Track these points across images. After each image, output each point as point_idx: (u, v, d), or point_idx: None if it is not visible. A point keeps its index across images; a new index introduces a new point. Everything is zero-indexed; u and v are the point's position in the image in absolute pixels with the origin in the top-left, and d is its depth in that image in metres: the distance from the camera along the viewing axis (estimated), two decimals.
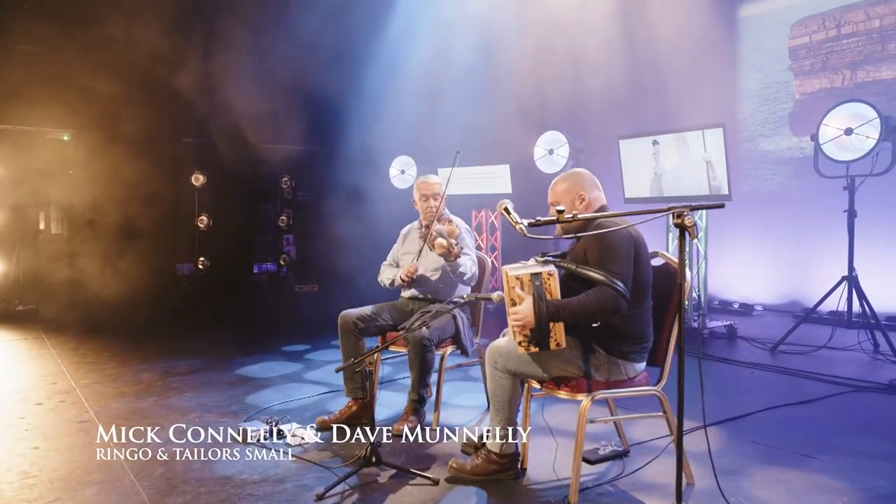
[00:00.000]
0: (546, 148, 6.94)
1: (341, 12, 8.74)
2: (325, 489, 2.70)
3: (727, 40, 8.05)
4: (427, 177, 3.80)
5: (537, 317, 2.48)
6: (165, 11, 8.27)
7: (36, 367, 5.03)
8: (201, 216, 9.55)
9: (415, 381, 3.49)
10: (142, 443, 3.25)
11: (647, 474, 2.89)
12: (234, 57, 8.64)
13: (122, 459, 3.06)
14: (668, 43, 7.63)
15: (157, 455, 3.12)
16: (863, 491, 2.73)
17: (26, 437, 3.42)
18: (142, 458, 3.07)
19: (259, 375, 4.79)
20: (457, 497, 2.70)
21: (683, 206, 2.17)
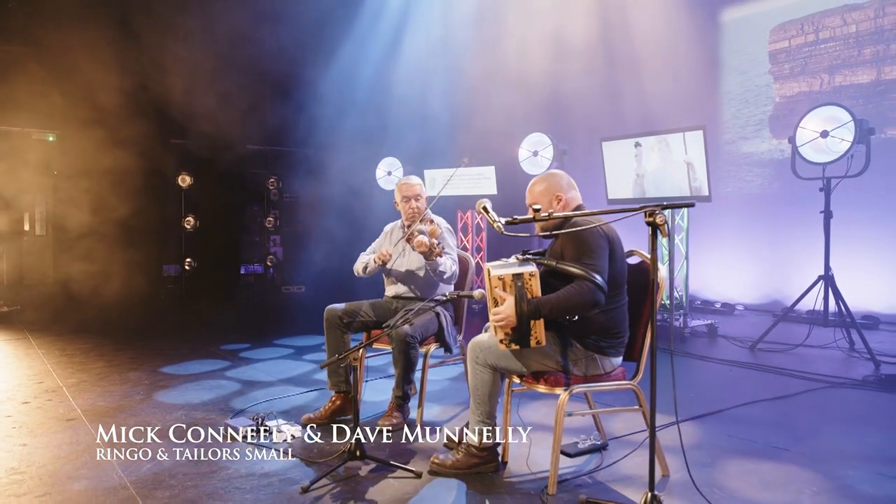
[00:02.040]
0: (531, 149, 7.03)
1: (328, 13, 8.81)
2: (309, 482, 2.77)
3: (709, 44, 8.19)
4: (408, 178, 3.86)
5: (518, 316, 2.56)
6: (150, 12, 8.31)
7: (22, 367, 5.05)
8: (188, 217, 9.57)
9: (399, 378, 3.56)
10: (129, 440, 3.31)
11: (624, 466, 2.98)
12: (220, 58, 8.67)
13: (110, 456, 3.11)
14: (651, 46, 7.77)
15: (143, 451, 3.16)
16: (832, 480, 2.83)
17: (14, 435, 3.46)
18: (129, 455, 3.12)
19: (245, 374, 4.84)
20: (438, 489, 2.78)
21: (655, 206, 2.26)
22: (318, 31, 8.81)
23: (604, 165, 6.54)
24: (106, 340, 6.08)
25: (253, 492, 2.73)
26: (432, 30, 8.19)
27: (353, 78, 9.08)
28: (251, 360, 5.29)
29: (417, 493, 2.75)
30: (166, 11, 8.30)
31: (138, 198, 8.80)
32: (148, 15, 8.25)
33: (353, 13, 8.94)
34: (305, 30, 8.67)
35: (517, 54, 7.59)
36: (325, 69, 9.16)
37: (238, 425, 3.44)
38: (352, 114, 9.10)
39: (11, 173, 8.43)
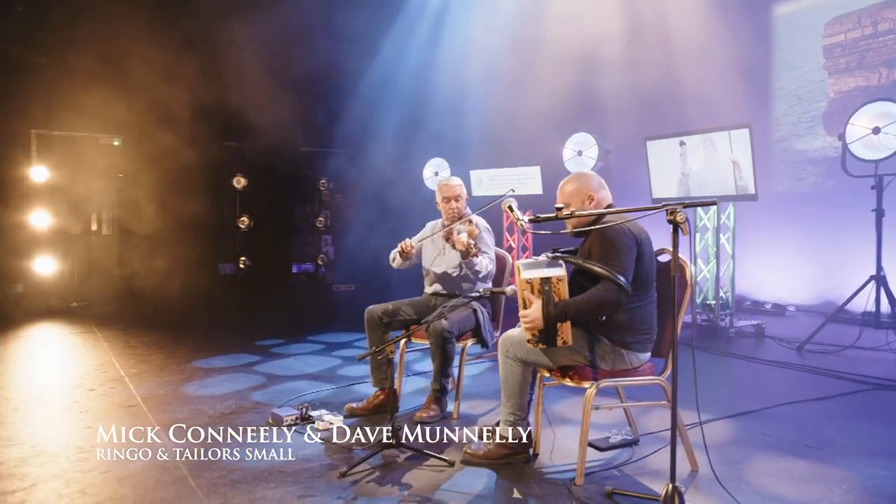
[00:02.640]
0: (575, 149, 7.08)
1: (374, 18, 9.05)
2: (347, 468, 2.93)
3: (760, 39, 8.06)
4: (449, 179, 4.00)
5: (545, 319, 2.66)
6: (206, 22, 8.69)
7: (89, 358, 5.42)
8: (242, 217, 9.95)
9: (436, 372, 3.70)
10: (181, 425, 3.55)
11: (654, 461, 3.04)
12: (273, 63, 9.00)
13: (166, 439, 3.35)
14: (700, 43, 7.69)
15: (196, 436, 3.40)
16: (864, 480, 2.83)
17: (80, 419, 3.75)
18: (182, 439, 3.36)
19: (294, 367, 5.07)
20: (469, 477, 2.90)
21: (676, 204, 2.33)
22: (366, 36, 9.06)
23: (648, 164, 6.53)
24: (165, 334, 6.43)
25: (294, 475, 2.91)
26: (475, 30, 8.30)
27: (400, 80, 9.29)
28: (281, 356, 5.50)
29: (449, 480, 2.88)
30: (221, 20, 8.65)
31: (196, 199, 9.21)
32: (204, 25, 8.63)
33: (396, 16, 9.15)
34: (355, 35, 8.94)
35: (561, 53, 7.64)
36: (373, 73, 9.40)
37: (285, 414, 3.64)
38: (400, 115, 9.30)
39: (80, 176, 8.95)
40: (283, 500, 2.65)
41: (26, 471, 2.96)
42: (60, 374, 4.93)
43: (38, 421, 3.75)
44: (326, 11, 8.99)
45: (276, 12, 8.83)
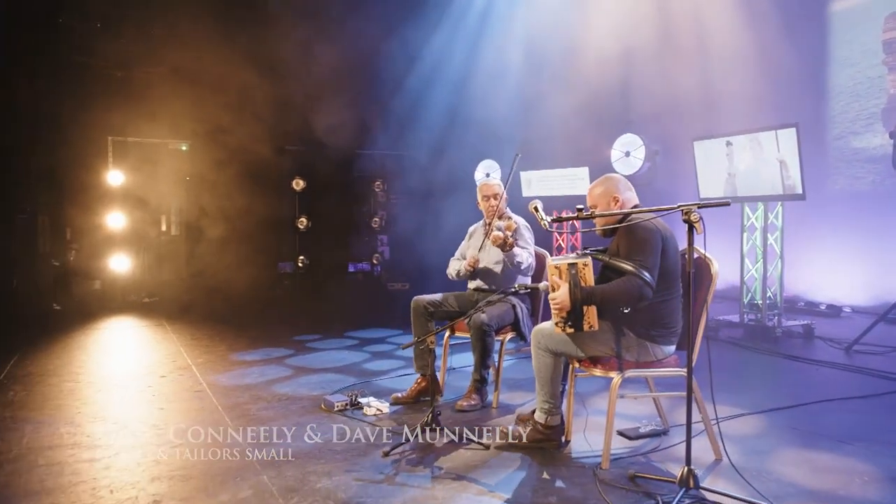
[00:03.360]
0: (622, 150, 7.20)
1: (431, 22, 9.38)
2: (390, 448, 3.21)
3: (817, 36, 7.97)
4: (487, 179, 4.26)
5: (572, 301, 2.88)
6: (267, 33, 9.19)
7: (160, 348, 5.90)
8: (301, 218, 10.43)
9: (477, 363, 3.95)
10: (241, 408, 3.91)
11: (679, 450, 3.19)
12: (331, 69, 9.43)
13: (228, 420, 3.72)
14: (755, 41, 7.68)
15: (256, 417, 3.75)
16: (886, 472, 2.93)
17: (153, 401, 4.17)
18: (243, 419, 3.71)
19: (347, 359, 5.42)
20: (503, 460, 3.13)
21: (692, 204, 2.51)
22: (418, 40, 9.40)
23: (695, 165, 6.60)
24: (228, 328, 6.90)
25: (342, 453, 3.21)
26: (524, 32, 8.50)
27: (453, 84, 9.56)
28: (315, 350, 5.84)
29: (485, 463, 3.12)
30: (282, 33, 9.12)
31: (258, 200, 9.72)
32: (265, 37, 9.13)
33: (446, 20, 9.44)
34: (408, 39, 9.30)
35: (610, 54, 7.75)
36: (427, 76, 9.71)
37: (337, 400, 3.96)
38: (452, 118, 9.58)
39: (151, 180, 9.58)
40: (332, 473, 2.95)
41: (110, 442, 3.37)
42: (135, 362, 5.42)
43: (119, 402, 4.18)
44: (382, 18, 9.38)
45: (333, 23, 9.27)
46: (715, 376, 4.67)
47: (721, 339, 6.15)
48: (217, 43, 8.82)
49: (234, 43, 9.00)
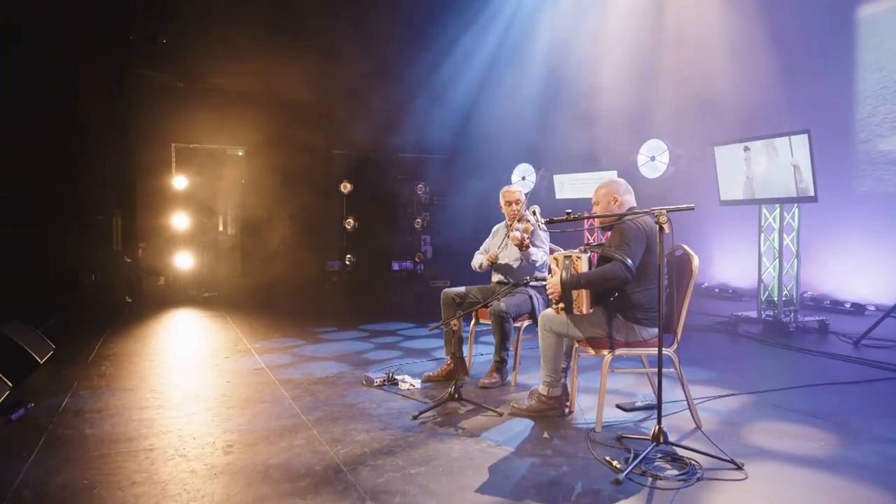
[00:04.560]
0: (648, 155, 7.70)
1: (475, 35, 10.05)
2: (419, 412, 3.87)
3: (844, 41, 8.29)
4: (509, 186, 4.87)
5: (562, 286, 3.49)
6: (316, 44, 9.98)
7: (222, 335, 6.71)
8: (348, 219, 11.21)
9: (497, 346, 4.57)
10: (294, 382, 4.63)
11: (667, 420, 3.75)
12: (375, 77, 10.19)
13: (284, 391, 4.44)
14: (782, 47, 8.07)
15: (307, 389, 4.46)
16: (843, 439, 3.43)
17: (220, 376, 4.93)
18: (296, 391, 4.43)
19: (387, 345, 6.11)
20: (512, 424, 3.75)
21: (661, 208, 3.09)
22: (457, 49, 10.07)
23: (716, 169, 7.07)
24: (282, 318, 7.71)
25: (379, 417, 3.89)
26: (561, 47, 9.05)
27: (490, 89, 10.19)
28: (327, 341, 6.45)
29: (497, 426, 3.74)
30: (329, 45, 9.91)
31: (308, 202, 10.55)
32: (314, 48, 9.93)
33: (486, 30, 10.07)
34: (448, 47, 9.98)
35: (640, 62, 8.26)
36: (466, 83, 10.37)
37: (376, 376, 4.64)
38: (490, 123, 10.20)
39: (211, 183, 10.49)
40: (369, 430, 3.62)
41: (187, 406, 4.13)
42: (202, 346, 6.24)
43: (192, 376, 4.96)
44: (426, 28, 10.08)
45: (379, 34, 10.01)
46: (720, 363, 5.25)
47: (739, 333, 6.61)
48: (270, 54, 9.65)
49: (285, 56, 9.83)
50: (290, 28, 10.45)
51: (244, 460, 3.17)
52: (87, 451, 3.32)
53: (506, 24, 10.09)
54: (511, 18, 10.05)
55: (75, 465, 3.11)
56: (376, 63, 10.25)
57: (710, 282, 9.80)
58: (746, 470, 2.98)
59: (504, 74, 10.04)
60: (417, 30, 10.15)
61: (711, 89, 7.92)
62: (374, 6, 10.13)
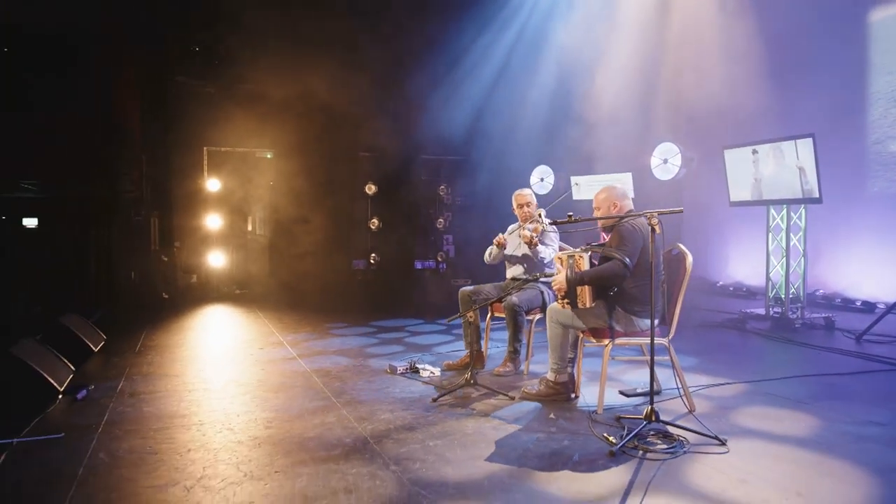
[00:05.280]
0: (661, 157, 8.05)
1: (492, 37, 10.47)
2: (437, 396, 4.32)
3: (857, 44, 8.56)
4: (521, 190, 5.29)
5: (568, 282, 3.91)
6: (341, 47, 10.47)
7: (255, 328, 7.23)
8: (373, 219, 11.70)
9: (510, 337, 5.00)
10: (324, 370, 5.10)
11: (665, 405, 4.15)
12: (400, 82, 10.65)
13: (315, 378, 4.91)
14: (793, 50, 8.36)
15: (336, 376, 4.93)
16: (824, 420, 3.79)
17: (256, 364, 5.42)
18: (326, 378, 4.90)
19: (409, 338, 6.56)
20: (523, 407, 4.17)
21: (653, 211, 3.49)
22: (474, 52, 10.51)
23: (726, 171, 7.41)
24: (310, 314, 8.21)
25: (401, 401, 4.33)
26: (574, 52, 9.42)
27: (509, 93, 10.60)
28: (339, 335, 6.85)
29: (508, 408, 4.16)
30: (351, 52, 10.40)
31: (334, 203, 11.05)
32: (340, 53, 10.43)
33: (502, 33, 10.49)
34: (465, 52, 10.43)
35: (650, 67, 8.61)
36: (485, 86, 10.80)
37: (399, 365, 5.10)
38: (509, 126, 10.61)
39: (241, 185, 11.06)
40: (393, 410, 4.08)
41: (229, 390, 4.62)
42: (236, 338, 6.75)
43: (229, 365, 5.46)
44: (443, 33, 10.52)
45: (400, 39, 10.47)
46: (722, 356, 5.63)
47: (747, 329, 6.95)
48: (297, 62, 10.16)
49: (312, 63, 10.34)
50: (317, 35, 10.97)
51: (282, 434, 3.64)
52: (147, 424, 3.81)
53: (520, 27, 10.50)
54: (525, 22, 10.45)
55: (138, 436, 3.61)
56: (400, 68, 10.72)
57: (725, 280, 10.12)
58: (729, 445, 3.37)
59: (521, 78, 10.43)
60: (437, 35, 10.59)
61: (723, 93, 8.23)
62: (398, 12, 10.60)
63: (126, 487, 2.94)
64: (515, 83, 10.50)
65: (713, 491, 2.86)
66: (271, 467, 3.14)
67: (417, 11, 10.72)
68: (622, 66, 8.84)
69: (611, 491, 2.87)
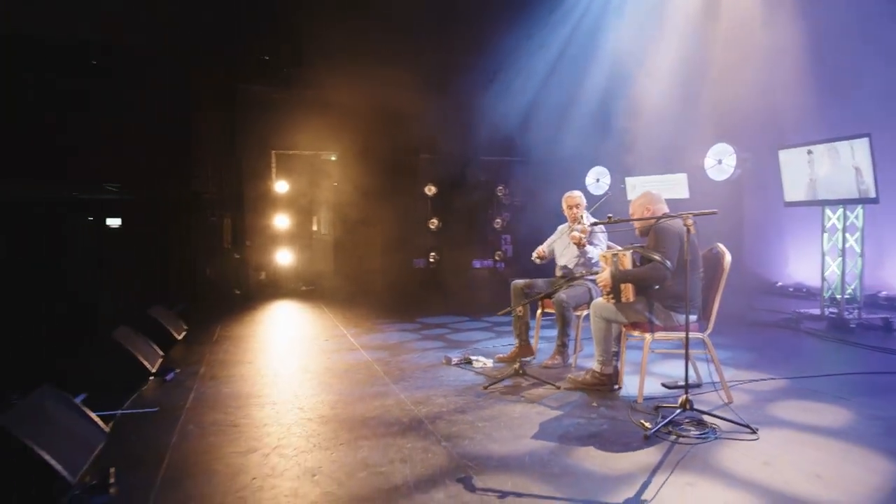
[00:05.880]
0: (716, 158, 8.18)
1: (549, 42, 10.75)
2: (488, 384, 4.69)
3: None
4: (571, 192, 5.60)
5: (612, 279, 4.21)
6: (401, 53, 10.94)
7: (321, 322, 7.76)
8: (432, 219, 12.15)
9: (559, 331, 5.32)
10: (385, 359, 5.54)
11: (704, 397, 4.40)
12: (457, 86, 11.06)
13: (376, 367, 5.35)
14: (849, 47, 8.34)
15: (395, 365, 5.36)
16: (856, 414, 3.98)
17: (322, 354, 5.92)
18: (386, 367, 5.33)
19: (463, 333, 6.95)
20: (568, 395, 4.50)
21: (687, 213, 3.77)
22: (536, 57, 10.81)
23: (780, 171, 7.50)
24: (372, 310, 8.70)
25: (455, 388, 4.72)
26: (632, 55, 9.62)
27: (564, 95, 10.86)
28: (381, 331, 7.23)
29: (554, 396, 4.50)
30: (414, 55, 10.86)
31: (395, 203, 11.56)
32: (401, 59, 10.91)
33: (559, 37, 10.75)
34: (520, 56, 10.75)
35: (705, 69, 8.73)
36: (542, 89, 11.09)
37: (453, 357, 5.49)
38: (565, 127, 10.87)
39: (307, 186, 11.68)
40: (446, 395, 4.47)
41: (298, 375, 5.11)
42: (304, 330, 7.29)
43: (298, 354, 5.97)
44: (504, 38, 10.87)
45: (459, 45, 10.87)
46: (769, 353, 5.81)
47: (801, 329, 7.04)
48: (359, 68, 10.70)
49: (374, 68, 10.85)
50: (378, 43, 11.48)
51: (347, 413, 4.08)
52: (227, 403, 4.33)
53: (571, 30, 10.73)
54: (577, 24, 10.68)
55: (219, 412, 4.11)
56: (460, 72, 11.13)
57: (785, 281, 10.10)
58: (760, 434, 3.62)
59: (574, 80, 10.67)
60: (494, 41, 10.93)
61: (777, 92, 8.29)
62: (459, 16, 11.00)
63: (213, 452, 3.42)
64: (568, 85, 10.74)
65: (737, 471, 3.13)
66: (336, 440, 3.58)
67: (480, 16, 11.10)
68: (673, 66, 9.00)
69: (640, 468, 3.18)
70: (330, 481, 3.04)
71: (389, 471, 3.15)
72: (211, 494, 2.90)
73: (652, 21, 9.41)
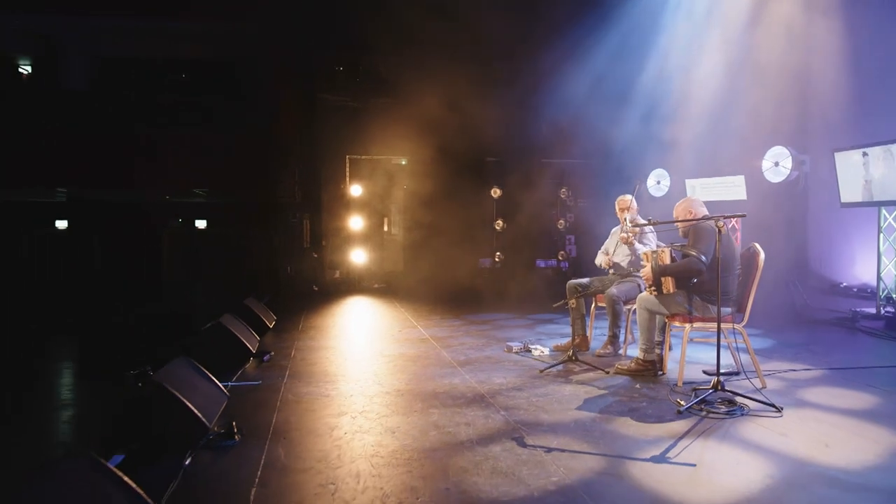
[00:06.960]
0: (772, 161, 8.54)
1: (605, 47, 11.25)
2: (544, 368, 5.35)
3: None
4: (623, 195, 6.18)
5: (652, 273, 4.81)
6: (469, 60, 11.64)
7: (393, 316, 8.56)
8: (498, 220, 12.82)
9: (610, 324, 5.91)
10: (453, 348, 6.27)
11: (739, 383, 4.92)
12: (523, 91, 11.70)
13: (445, 353, 6.08)
14: None
15: (461, 351, 6.08)
16: (881, 398, 4.44)
17: (394, 343, 6.69)
18: (454, 352, 6.05)
19: (524, 328, 7.61)
20: (615, 380, 5.10)
21: (719, 216, 4.33)
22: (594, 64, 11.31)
23: (836, 173, 7.83)
24: (439, 306, 9.46)
25: (514, 370, 5.39)
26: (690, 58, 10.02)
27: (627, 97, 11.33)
28: (449, 325, 7.86)
29: (602, 379, 5.11)
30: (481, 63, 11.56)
31: (462, 205, 12.27)
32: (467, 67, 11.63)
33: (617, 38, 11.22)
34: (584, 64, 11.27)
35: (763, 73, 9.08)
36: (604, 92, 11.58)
37: (514, 345, 6.17)
38: (628, 131, 11.34)
39: (379, 189, 12.54)
40: (505, 377, 5.15)
41: (376, 360, 5.89)
42: (379, 322, 8.09)
43: (374, 342, 6.77)
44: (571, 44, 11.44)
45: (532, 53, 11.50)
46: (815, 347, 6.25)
47: (857, 327, 7.38)
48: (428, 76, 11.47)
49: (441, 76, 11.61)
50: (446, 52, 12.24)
51: (419, 389, 4.82)
52: (317, 378, 5.14)
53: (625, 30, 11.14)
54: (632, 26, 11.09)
55: (312, 385, 4.92)
56: (525, 79, 11.76)
57: (850, 281, 10.29)
58: (784, 413, 4.16)
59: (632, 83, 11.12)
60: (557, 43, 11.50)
61: (832, 94, 8.56)
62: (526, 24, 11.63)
63: (310, 414, 4.21)
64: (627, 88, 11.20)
65: (753, 440, 3.69)
66: (411, 408, 4.32)
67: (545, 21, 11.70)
68: (733, 68, 9.37)
69: (670, 434, 3.78)
70: (406, 437, 3.77)
71: (455, 431, 3.86)
72: (314, 443, 3.68)
73: (706, 25, 9.81)
